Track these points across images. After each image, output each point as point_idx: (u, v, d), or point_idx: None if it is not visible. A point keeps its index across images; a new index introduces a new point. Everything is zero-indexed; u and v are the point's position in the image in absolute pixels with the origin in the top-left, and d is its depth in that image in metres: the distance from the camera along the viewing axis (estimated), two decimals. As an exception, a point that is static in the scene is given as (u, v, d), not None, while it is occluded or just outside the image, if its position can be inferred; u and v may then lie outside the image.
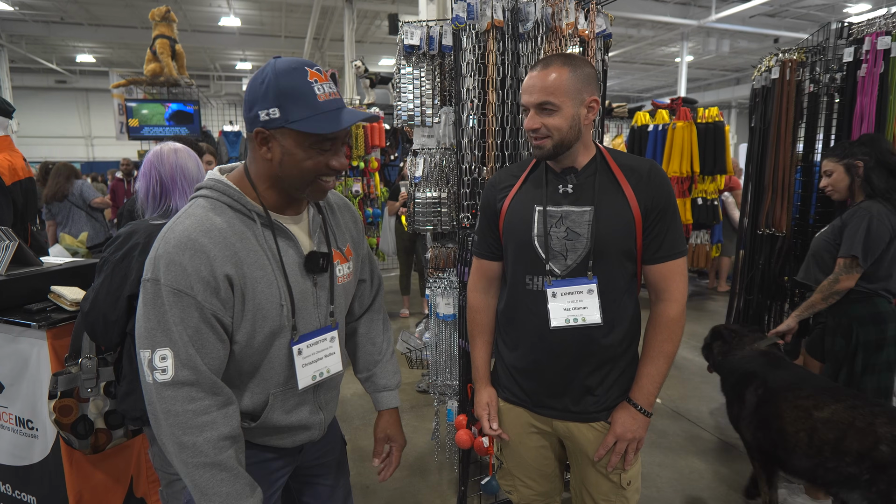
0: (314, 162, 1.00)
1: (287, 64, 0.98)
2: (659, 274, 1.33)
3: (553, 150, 1.30)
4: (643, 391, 1.34)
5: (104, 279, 1.60)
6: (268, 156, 1.00)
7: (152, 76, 6.07)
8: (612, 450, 1.34)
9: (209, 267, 0.96)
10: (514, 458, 1.52)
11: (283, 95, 0.96)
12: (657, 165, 1.35)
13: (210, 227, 0.98)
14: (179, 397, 0.95)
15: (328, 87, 0.99)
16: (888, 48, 2.49)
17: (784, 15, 12.36)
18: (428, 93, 2.34)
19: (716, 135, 5.46)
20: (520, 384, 1.43)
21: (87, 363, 1.73)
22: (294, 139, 0.98)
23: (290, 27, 13.58)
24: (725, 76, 19.80)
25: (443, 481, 2.64)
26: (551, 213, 1.33)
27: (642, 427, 1.34)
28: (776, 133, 2.94)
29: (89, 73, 18.22)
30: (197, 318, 0.96)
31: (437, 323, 2.37)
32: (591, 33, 2.22)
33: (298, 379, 1.11)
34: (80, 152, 19.51)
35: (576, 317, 1.31)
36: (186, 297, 0.95)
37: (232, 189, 1.03)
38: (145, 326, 0.96)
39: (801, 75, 2.93)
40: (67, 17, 12.28)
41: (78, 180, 4.91)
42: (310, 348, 1.12)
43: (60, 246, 3.45)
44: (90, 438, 1.75)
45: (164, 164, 1.69)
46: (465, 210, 2.16)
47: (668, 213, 1.31)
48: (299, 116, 0.96)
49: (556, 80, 1.25)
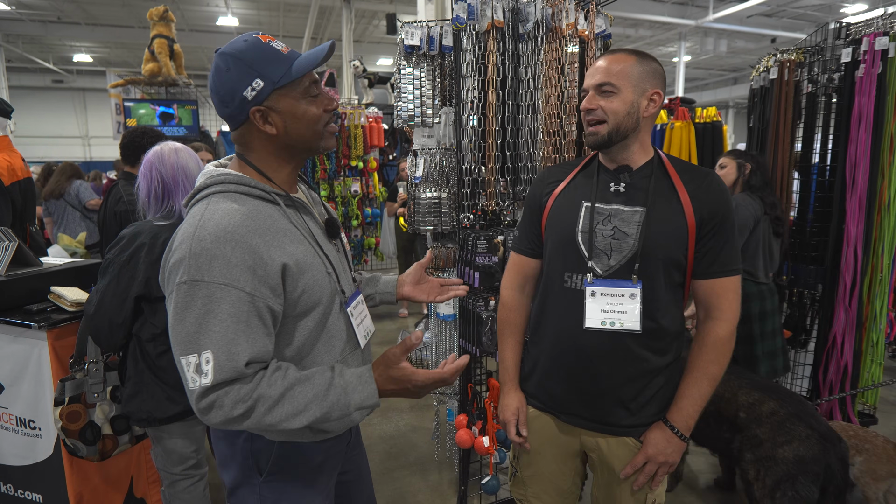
0: (316, 109, 1.02)
1: (239, 42, 0.99)
2: (711, 290, 1.25)
3: (608, 137, 1.23)
4: (682, 413, 1.26)
5: (110, 281, 1.59)
6: (272, 130, 1.00)
7: (150, 76, 6.06)
8: (640, 469, 1.27)
9: (253, 255, 0.93)
10: (531, 468, 1.45)
11: (257, 64, 0.96)
12: (717, 175, 1.29)
13: (243, 214, 0.95)
14: (227, 402, 0.91)
15: (281, 43, 1.01)
16: (886, 49, 2.50)
17: (781, 15, 12.38)
18: (428, 93, 2.35)
19: (714, 134, 5.45)
20: (548, 390, 1.36)
21: (94, 368, 1.72)
22: (289, 96, 0.99)
23: (288, 27, 13.56)
24: (723, 76, 19.84)
25: (443, 481, 2.65)
26: (599, 210, 1.27)
27: (677, 451, 1.26)
28: (774, 133, 2.95)
29: (86, 73, 18.16)
30: (247, 310, 0.92)
31: (437, 323, 2.37)
32: (591, 34, 2.22)
33: (358, 338, 1.14)
34: (77, 152, 19.44)
35: (613, 320, 1.24)
36: (234, 290, 0.91)
37: (245, 177, 1.01)
38: (185, 331, 0.91)
39: (799, 76, 2.94)
40: (64, 16, 12.24)
41: (77, 180, 4.89)
42: (356, 309, 1.15)
43: (59, 246, 3.44)
44: (98, 445, 1.73)
45: (166, 164, 1.67)
46: (465, 210, 2.16)
47: (727, 226, 1.23)
48: (281, 74, 0.97)
49: (620, 65, 1.22)
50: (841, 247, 2.70)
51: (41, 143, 17.93)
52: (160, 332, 1.63)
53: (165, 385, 1.66)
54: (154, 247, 1.60)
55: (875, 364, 2.78)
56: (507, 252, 2.12)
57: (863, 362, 2.76)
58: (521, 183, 2.21)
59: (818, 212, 2.88)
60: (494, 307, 2.07)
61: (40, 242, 3.27)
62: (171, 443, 1.74)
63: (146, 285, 1.59)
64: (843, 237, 2.68)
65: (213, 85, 1.00)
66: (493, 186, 2.17)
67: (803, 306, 3.03)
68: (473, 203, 2.17)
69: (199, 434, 1.80)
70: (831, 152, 2.82)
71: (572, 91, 2.23)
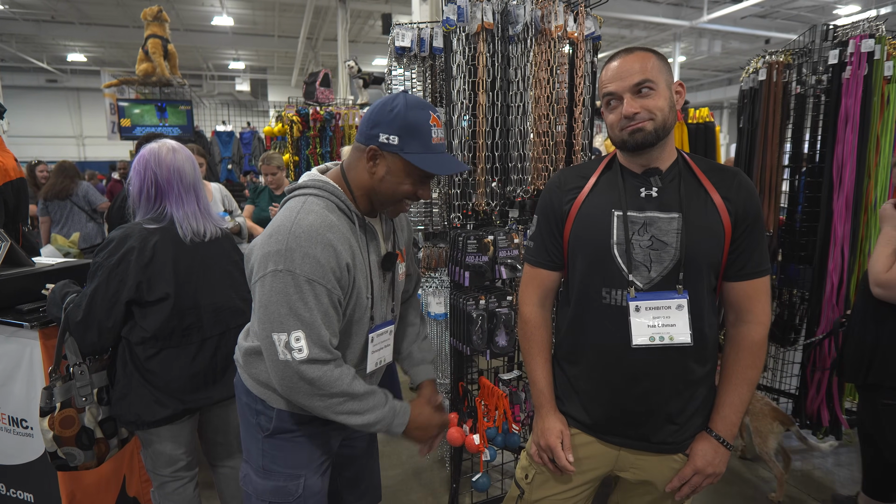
0: (409, 189, 1.18)
1: (417, 102, 1.15)
2: (744, 292, 1.21)
3: (655, 135, 1.16)
4: (725, 422, 1.22)
5: (98, 285, 1.54)
6: (373, 170, 1.17)
7: (144, 76, 6.06)
8: (687, 482, 1.23)
9: (336, 259, 1.12)
10: (543, 491, 1.36)
11: (407, 128, 1.13)
12: (744, 174, 1.24)
13: (331, 223, 1.13)
14: (315, 370, 1.12)
15: (440, 133, 1.17)
16: (872, 51, 2.53)
17: (775, 16, 12.46)
18: (419, 94, 2.37)
19: (706, 135, 5.51)
20: (590, 412, 1.28)
21: (79, 371, 1.66)
22: (402, 166, 1.15)
23: (284, 27, 13.55)
24: (717, 76, 19.94)
25: (434, 479, 2.67)
26: (633, 219, 1.19)
27: (723, 461, 1.22)
28: (763, 134, 2.98)
29: (80, 73, 18.11)
30: (327, 302, 1.12)
31: (429, 322, 2.39)
32: (581, 35, 2.25)
33: (368, 364, 1.29)
34: (71, 152, 19.37)
35: (662, 335, 1.17)
36: (319, 285, 1.10)
37: (339, 191, 1.19)
38: (278, 312, 1.10)
39: (787, 77, 2.97)
40: (58, 15, 12.20)
41: (83, 182, 4.87)
42: (379, 338, 1.30)
43: (52, 247, 3.44)
44: (94, 449, 1.68)
45: (162, 165, 1.62)
46: (455, 210, 2.18)
47: (759, 226, 1.20)
48: (414, 150, 1.14)
49: (649, 62, 1.16)
50: (828, 246, 2.73)
51: (35, 143, 17.85)
52: (150, 336, 1.60)
53: (154, 388, 1.62)
54: (144, 250, 1.56)
55: (862, 362, 2.81)
56: (497, 251, 2.14)
57: (850, 360, 2.79)
58: (511, 183, 2.23)
59: (807, 212, 2.92)
60: (485, 306, 2.09)
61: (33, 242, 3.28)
62: (160, 445, 1.71)
63: (137, 289, 1.55)
64: (830, 237, 2.71)
65: (378, 106, 1.16)
66: (483, 186, 2.19)
67: (793, 306, 3.07)
68: (464, 203, 2.19)
69: (188, 436, 1.77)
70: (819, 153, 2.85)
71: (562, 92, 2.25)
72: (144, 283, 1.56)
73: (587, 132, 2.34)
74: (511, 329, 2.13)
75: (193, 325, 1.65)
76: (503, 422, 2.11)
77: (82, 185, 4.79)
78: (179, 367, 1.64)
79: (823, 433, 2.84)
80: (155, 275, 1.57)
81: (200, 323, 1.67)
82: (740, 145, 3.21)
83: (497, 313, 2.10)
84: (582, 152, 2.32)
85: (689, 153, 1.28)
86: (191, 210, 1.66)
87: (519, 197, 2.26)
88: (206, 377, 1.70)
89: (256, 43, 14.69)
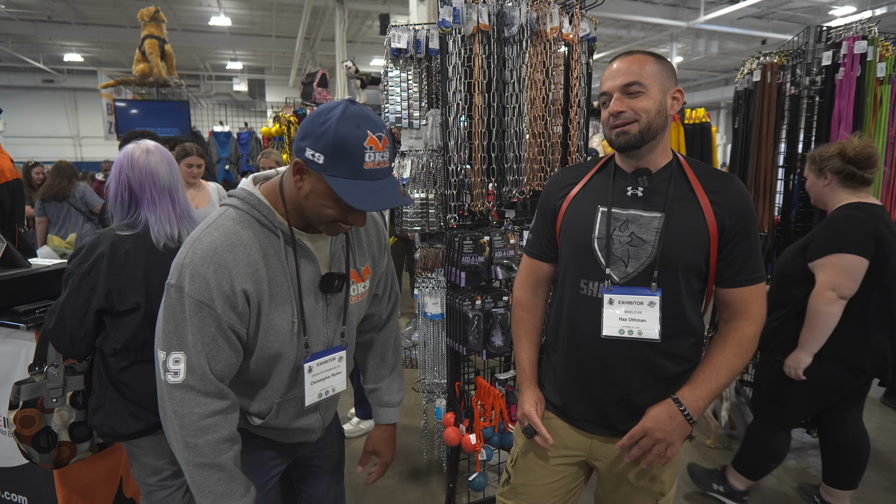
0: (335, 212, 1.01)
1: (356, 115, 0.96)
2: (739, 297, 1.23)
3: (639, 137, 1.19)
4: (694, 393, 1.20)
5: (69, 293, 1.49)
6: (298, 185, 1.03)
7: (141, 76, 6.05)
8: (636, 444, 1.22)
9: (230, 282, 1.01)
10: (527, 476, 1.41)
11: (335, 147, 0.95)
12: (739, 180, 1.25)
13: (236, 241, 1.03)
14: (187, 400, 1.02)
15: (378, 156, 0.97)
16: (864, 52, 2.55)
17: (771, 17, 12.50)
18: (415, 95, 2.37)
19: (703, 135, 5.54)
20: (565, 397, 1.34)
21: (53, 372, 1.62)
22: (326, 189, 0.98)
23: (281, 27, 13.54)
24: (714, 77, 19.97)
25: (431, 479, 2.67)
26: (616, 216, 1.24)
27: (678, 432, 1.19)
28: (758, 134, 3.00)
29: (77, 73, 18.06)
30: (214, 328, 1.01)
31: (426, 322, 2.40)
32: (576, 37, 2.26)
33: (306, 396, 1.17)
34: (67, 152, 19.32)
35: (631, 329, 1.21)
36: (207, 308, 1.00)
37: (262, 204, 1.07)
38: (164, 329, 1.02)
39: (781, 78, 2.99)
40: (55, 15, 12.17)
41: (80, 182, 4.86)
42: (319, 367, 1.17)
43: (49, 248, 3.44)
44: (52, 452, 1.64)
45: (134, 168, 1.54)
46: (452, 211, 2.19)
47: (752, 233, 1.21)
48: (339, 174, 0.96)
49: (642, 65, 1.19)
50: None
51: (31, 144, 17.80)
52: (121, 348, 1.53)
53: (128, 401, 1.56)
54: (114, 258, 1.49)
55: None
56: (493, 252, 2.15)
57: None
58: (506, 184, 2.24)
59: (801, 212, 2.93)
60: (481, 306, 2.10)
61: (29, 243, 3.28)
62: (143, 456, 1.66)
63: (107, 298, 1.49)
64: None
65: (314, 115, 1.00)
66: (479, 187, 2.20)
67: (787, 305, 3.08)
68: (460, 204, 2.20)
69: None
70: (813, 153, 2.87)
71: (557, 93, 2.26)
72: (115, 291, 1.49)
73: (583, 133, 2.35)
74: (507, 329, 2.14)
75: None
76: (499, 421, 2.12)
77: (79, 186, 4.78)
78: (154, 381, 1.60)
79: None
80: (125, 283, 1.50)
81: None
82: (735, 146, 3.23)
83: (493, 313, 2.11)
84: (577, 153, 2.33)
85: (690, 158, 1.30)
86: (164, 214, 1.56)
87: (515, 198, 2.26)
88: None
89: (254, 43, 14.67)
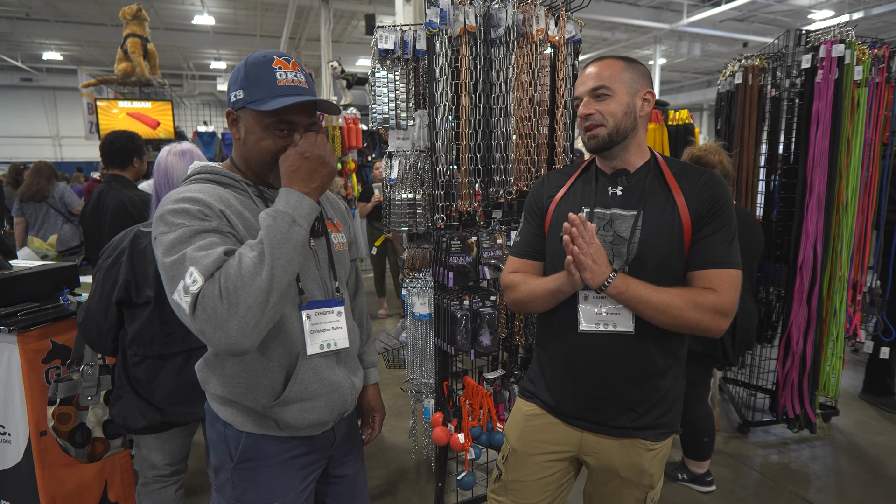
0: (270, 144, 1.05)
1: (260, 54, 1.07)
2: (705, 278, 1.20)
3: (608, 139, 1.25)
4: (631, 281, 1.18)
5: (95, 287, 1.60)
6: (237, 136, 1.09)
7: (123, 76, 5.96)
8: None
9: (210, 207, 1.00)
10: (518, 472, 1.42)
11: (249, 79, 1.04)
12: (717, 175, 1.26)
13: (204, 188, 1.04)
14: (229, 282, 0.90)
15: (292, 75, 1.05)
16: (842, 56, 2.61)
17: (752, 20, 12.72)
18: (402, 96, 2.38)
19: (686, 136, 5.61)
20: (554, 392, 1.36)
21: (89, 370, 1.73)
22: (253, 118, 1.05)
23: (266, 26, 13.44)
24: (697, 79, 20.26)
25: (420, 478, 2.68)
26: (599, 216, 1.28)
27: (594, 277, 1.18)
28: (740, 135, 3.05)
29: (57, 71, 17.73)
30: (214, 237, 0.97)
31: (414, 322, 2.40)
32: (562, 39, 2.28)
33: (307, 345, 1.12)
34: (47, 152, 18.96)
35: (607, 322, 1.24)
36: (200, 225, 0.97)
37: (220, 169, 1.11)
38: (164, 268, 0.95)
39: (762, 80, 3.05)
40: (33, 12, 11.93)
41: (59, 183, 4.78)
42: (318, 316, 1.14)
43: (29, 249, 3.38)
44: (87, 448, 1.73)
45: (159, 169, 1.69)
46: (439, 211, 2.20)
47: (724, 222, 1.21)
48: (257, 97, 1.03)
49: (611, 69, 1.25)
50: (799, 245, 2.80)
51: (10, 144, 17.47)
52: (132, 340, 1.61)
53: (137, 396, 1.63)
54: (134, 251, 1.58)
55: (835, 357, 2.89)
56: (480, 252, 2.16)
57: (823, 356, 2.87)
58: (493, 184, 2.26)
59: (782, 212, 2.99)
60: (469, 306, 2.12)
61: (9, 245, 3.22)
62: (146, 451, 1.74)
63: (125, 289, 1.58)
64: (802, 235, 2.78)
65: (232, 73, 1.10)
66: (466, 188, 2.21)
67: (769, 303, 3.14)
68: (447, 204, 2.21)
69: (177, 448, 1.77)
70: (793, 154, 2.93)
71: (543, 94, 2.29)
72: (133, 283, 1.57)
73: (569, 134, 2.37)
74: (495, 328, 2.16)
75: (176, 333, 1.61)
76: (488, 420, 2.13)
77: (58, 187, 4.70)
78: (164, 378, 1.62)
79: (798, 427, 2.92)
80: (140, 276, 1.58)
81: (184, 331, 1.63)
82: (718, 147, 3.28)
83: (481, 313, 2.12)
84: (563, 154, 2.36)
85: (668, 157, 1.34)
86: None
87: (502, 198, 2.28)
88: (195, 391, 1.62)
89: (238, 43, 14.53)
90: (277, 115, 1.03)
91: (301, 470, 1.19)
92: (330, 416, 1.18)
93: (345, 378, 1.20)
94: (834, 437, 3.10)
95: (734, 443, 3.02)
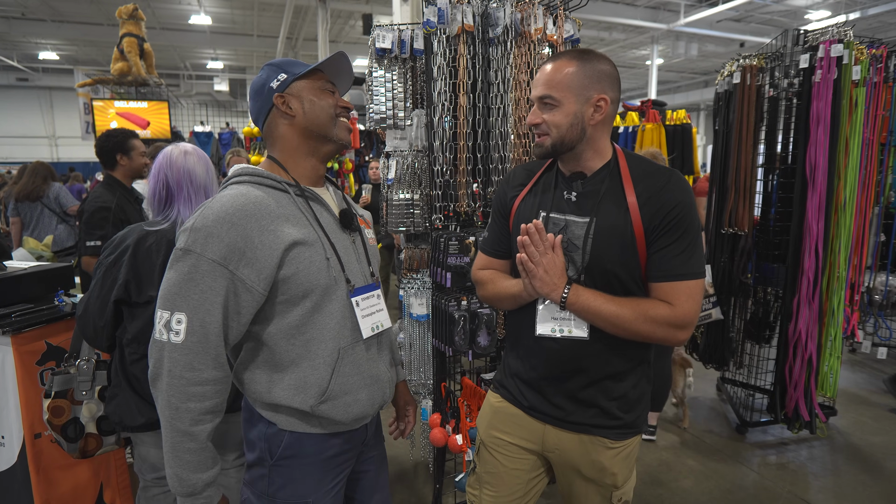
0: (330, 100, 1.18)
1: (279, 58, 1.22)
2: (661, 291, 1.18)
3: (552, 149, 1.23)
4: (584, 292, 1.18)
5: (95, 283, 1.59)
6: (291, 113, 1.15)
7: (120, 75, 5.95)
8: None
9: (245, 239, 1.03)
10: (489, 462, 1.43)
11: (283, 65, 1.18)
12: (678, 177, 1.21)
13: (247, 200, 1.06)
14: (183, 362, 1.02)
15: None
16: (840, 55, 2.61)
17: (749, 20, 12.74)
18: (400, 95, 2.37)
19: (683, 136, 5.63)
20: (518, 386, 1.37)
21: (84, 365, 1.72)
22: (306, 86, 1.17)
23: (263, 26, 13.41)
24: (695, 79, 20.29)
25: (418, 479, 2.67)
26: (555, 221, 1.26)
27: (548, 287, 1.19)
28: (738, 136, 3.05)
29: (53, 71, 17.67)
30: (225, 288, 1.03)
31: (411, 323, 2.39)
32: (560, 38, 2.27)
33: (361, 329, 1.19)
34: (43, 152, 18.88)
35: (562, 328, 1.24)
36: (220, 267, 1.02)
37: (262, 170, 1.15)
38: (169, 289, 1.03)
39: (760, 80, 3.04)
40: (29, 12, 11.89)
41: (55, 183, 4.75)
42: (365, 301, 1.22)
43: (24, 249, 3.36)
44: (79, 443, 1.72)
45: (173, 167, 1.64)
46: (437, 211, 2.19)
47: (681, 228, 1.16)
48: (302, 70, 1.17)
49: (561, 74, 1.18)
50: (801, 245, 2.80)
51: (5, 144, 17.40)
52: (132, 339, 1.61)
53: (135, 394, 1.63)
54: (138, 250, 1.57)
55: (834, 357, 2.89)
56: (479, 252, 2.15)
57: (822, 356, 2.86)
58: (491, 184, 2.25)
59: (780, 212, 2.99)
60: (466, 307, 2.11)
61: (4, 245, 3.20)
62: (144, 450, 1.72)
63: (125, 289, 1.56)
64: (804, 236, 2.78)
65: (251, 86, 1.20)
66: (464, 188, 2.20)
67: (767, 303, 3.14)
68: (445, 205, 2.20)
69: None
70: (791, 154, 2.93)
71: (542, 94, 2.28)
72: (133, 283, 1.56)
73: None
74: (493, 329, 2.15)
75: None
76: (486, 421, 2.12)
77: (54, 187, 4.68)
78: None
79: (798, 427, 2.92)
80: (144, 276, 1.56)
81: None
82: (716, 147, 3.28)
83: (479, 314, 2.11)
84: (562, 154, 2.35)
85: (634, 155, 1.28)
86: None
87: (500, 198, 2.27)
88: None
89: (235, 42, 14.50)
90: (324, 77, 1.19)
91: (335, 468, 1.23)
92: (371, 409, 1.23)
93: (384, 371, 1.28)
94: (832, 437, 3.10)
95: (732, 443, 3.02)
